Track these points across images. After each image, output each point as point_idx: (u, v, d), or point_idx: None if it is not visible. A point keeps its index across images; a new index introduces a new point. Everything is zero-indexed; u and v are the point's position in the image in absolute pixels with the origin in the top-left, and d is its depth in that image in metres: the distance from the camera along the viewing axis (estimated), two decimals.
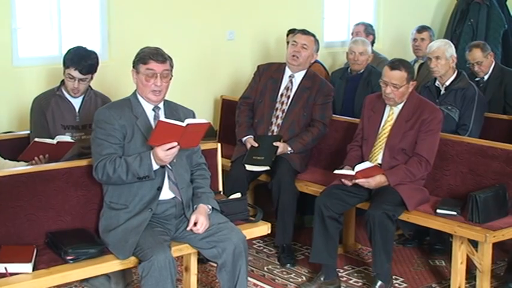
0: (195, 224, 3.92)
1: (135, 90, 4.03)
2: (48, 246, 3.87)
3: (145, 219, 3.84)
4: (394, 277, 4.86)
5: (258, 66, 5.75)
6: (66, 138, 4.52)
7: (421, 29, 6.94)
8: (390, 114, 4.84)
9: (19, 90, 5.67)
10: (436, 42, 5.73)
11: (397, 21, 8.43)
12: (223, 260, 3.87)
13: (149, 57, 3.92)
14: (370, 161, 4.73)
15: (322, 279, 4.71)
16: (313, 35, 5.53)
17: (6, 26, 5.62)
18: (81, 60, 4.63)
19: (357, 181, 4.61)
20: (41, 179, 3.93)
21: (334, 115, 5.62)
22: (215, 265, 4.03)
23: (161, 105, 4.04)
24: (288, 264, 5.12)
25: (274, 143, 5.26)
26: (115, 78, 5.86)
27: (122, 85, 5.40)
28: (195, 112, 4.18)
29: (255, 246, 5.46)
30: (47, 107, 4.74)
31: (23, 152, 4.42)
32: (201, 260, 4.66)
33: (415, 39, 6.91)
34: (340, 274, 4.91)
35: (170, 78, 3.99)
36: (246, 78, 6.38)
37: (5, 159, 4.49)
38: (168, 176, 3.94)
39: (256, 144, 5.30)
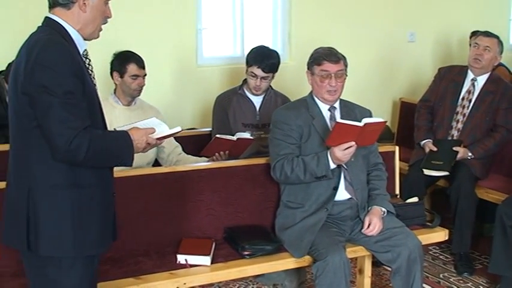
0: (368, 225, 3.90)
1: (311, 91, 4.05)
2: (225, 240, 3.97)
3: (321, 219, 3.85)
4: None
5: (439, 69, 5.62)
6: (246, 135, 4.61)
7: None
8: None
9: (202, 89, 5.88)
10: None
11: None
12: (398, 265, 3.81)
13: (323, 58, 3.92)
14: None
15: None
16: (497, 37, 5.33)
17: (192, 26, 5.85)
18: (264, 58, 4.72)
19: None
20: (222, 175, 4.04)
21: None
22: (389, 269, 3.97)
23: (337, 105, 4.04)
24: (465, 273, 4.96)
25: (454, 148, 5.11)
26: (294, 79, 5.93)
27: (301, 85, 5.45)
28: (372, 112, 4.15)
29: (431, 252, 5.33)
30: (228, 106, 4.87)
31: (204, 147, 4.56)
32: (375, 263, 4.61)
33: None
34: None
35: (345, 78, 3.97)
36: (426, 80, 6.24)
37: (187, 154, 4.67)
38: (344, 176, 3.93)
39: (435, 149, 5.18)
